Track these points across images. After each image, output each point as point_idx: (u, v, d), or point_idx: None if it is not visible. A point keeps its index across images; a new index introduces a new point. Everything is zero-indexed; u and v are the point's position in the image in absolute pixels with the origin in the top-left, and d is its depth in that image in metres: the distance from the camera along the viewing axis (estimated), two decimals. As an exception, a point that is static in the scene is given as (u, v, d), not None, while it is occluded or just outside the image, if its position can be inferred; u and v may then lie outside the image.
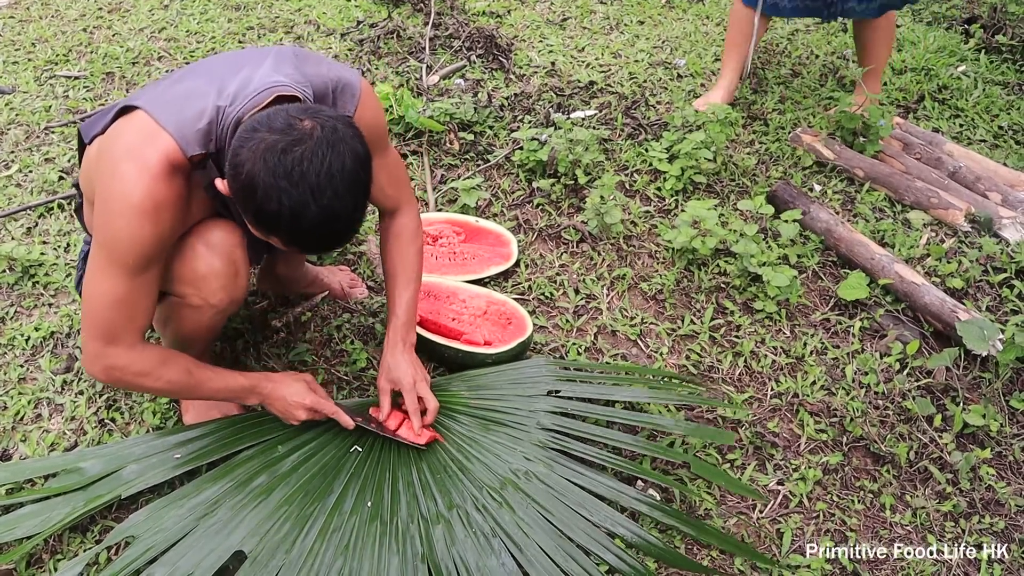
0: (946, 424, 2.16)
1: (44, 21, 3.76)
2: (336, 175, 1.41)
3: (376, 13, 3.94)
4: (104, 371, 1.64)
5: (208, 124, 1.54)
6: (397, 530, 1.72)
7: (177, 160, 1.52)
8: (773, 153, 3.12)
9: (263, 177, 1.39)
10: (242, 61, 1.65)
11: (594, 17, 4.07)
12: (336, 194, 1.42)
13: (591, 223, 2.64)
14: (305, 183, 1.39)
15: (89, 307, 1.60)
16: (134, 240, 1.52)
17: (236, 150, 1.43)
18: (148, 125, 1.54)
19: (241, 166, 1.41)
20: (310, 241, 1.50)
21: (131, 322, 1.61)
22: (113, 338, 1.60)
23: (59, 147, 2.93)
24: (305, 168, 1.39)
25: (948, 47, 3.90)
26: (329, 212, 1.43)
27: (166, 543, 1.67)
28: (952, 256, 2.64)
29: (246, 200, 1.44)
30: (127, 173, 1.49)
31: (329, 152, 1.41)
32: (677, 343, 2.35)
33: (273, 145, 1.39)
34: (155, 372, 1.66)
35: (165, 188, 1.51)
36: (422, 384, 1.91)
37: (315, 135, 1.41)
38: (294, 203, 1.40)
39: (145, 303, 1.62)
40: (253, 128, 1.43)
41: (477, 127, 3.12)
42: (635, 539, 1.77)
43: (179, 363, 1.70)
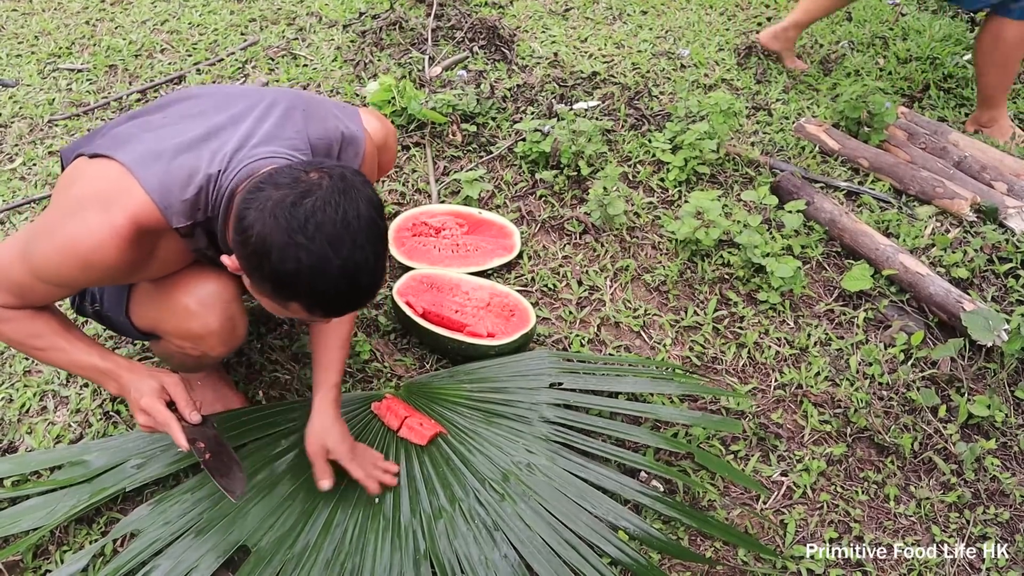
0: (951, 415, 2.15)
1: (47, 14, 3.76)
2: (352, 223, 1.30)
3: (378, 4, 3.92)
4: None
5: (197, 193, 1.44)
6: (399, 524, 1.73)
7: (151, 223, 1.42)
8: (777, 143, 3.11)
9: (276, 236, 1.28)
10: (245, 107, 1.55)
11: (597, 7, 4.05)
12: (356, 244, 1.30)
13: (594, 214, 2.64)
14: (321, 235, 1.28)
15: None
16: (60, 275, 1.44)
17: (242, 214, 1.32)
18: (124, 180, 1.42)
19: (250, 229, 1.30)
20: (334, 300, 1.35)
21: (12, 298, 1.51)
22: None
23: (63, 140, 2.93)
24: (320, 219, 1.27)
25: (954, 36, 3.87)
26: (351, 265, 1.31)
27: (171, 536, 1.69)
28: (957, 246, 2.63)
29: (260, 266, 1.32)
30: (89, 222, 1.39)
31: (342, 200, 1.30)
32: (680, 334, 2.35)
33: (282, 200, 1.28)
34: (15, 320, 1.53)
35: (119, 254, 1.40)
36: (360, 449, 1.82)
37: (324, 184, 1.30)
38: (313, 259, 1.28)
39: (39, 298, 1.52)
40: (257, 188, 1.33)
41: (480, 118, 3.11)
42: (638, 531, 1.77)
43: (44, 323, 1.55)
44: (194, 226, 1.46)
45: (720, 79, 3.49)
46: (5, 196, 2.68)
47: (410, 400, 2.00)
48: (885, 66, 3.65)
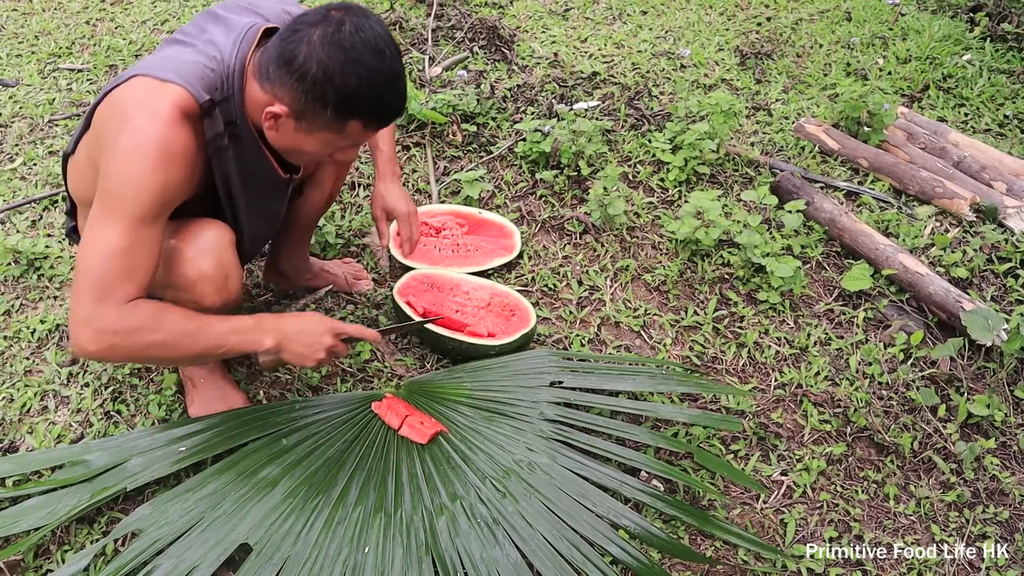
0: (950, 414, 2.16)
1: (47, 14, 3.76)
2: (384, 38, 1.52)
3: (378, 4, 3.93)
4: (92, 338, 1.48)
5: (212, 72, 1.56)
6: (401, 522, 1.73)
7: (188, 106, 1.51)
8: (777, 143, 3.11)
9: (334, 58, 1.46)
10: (198, 27, 1.66)
11: (597, 7, 4.06)
12: (391, 54, 1.53)
13: (594, 214, 2.64)
14: (368, 50, 1.48)
15: (83, 264, 1.49)
16: (143, 186, 1.47)
17: (290, 57, 1.48)
18: (150, 82, 1.52)
19: (307, 62, 1.47)
20: (386, 105, 1.57)
21: (127, 278, 1.50)
22: (105, 295, 1.48)
23: (63, 140, 2.93)
24: (363, 37, 1.48)
25: (953, 35, 3.88)
26: (394, 71, 1.54)
27: (172, 535, 1.68)
28: (957, 246, 2.63)
29: (323, 94, 1.49)
30: (138, 124, 1.48)
31: (368, 22, 1.51)
32: (680, 334, 2.35)
33: (325, 31, 1.47)
34: (149, 324, 1.52)
35: (177, 135, 1.49)
36: (414, 215, 2.10)
37: (351, 12, 1.50)
38: (369, 71, 1.49)
39: (145, 261, 1.52)
40: (292, 31, 1.50)
41: (480, 119, 3.11)
42: (639, 530, 1.77)
43: (176, 311, 1.57)
44: (212, 106, 1.56)
45: (720, 79, 3.49)
46: (5, 196, 2.68)
47: (411, 399, 2.01)
48: (885, 66, 3.65)
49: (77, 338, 1.49)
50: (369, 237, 2.59)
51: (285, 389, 2.13)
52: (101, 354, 1.51)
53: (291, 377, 2.16)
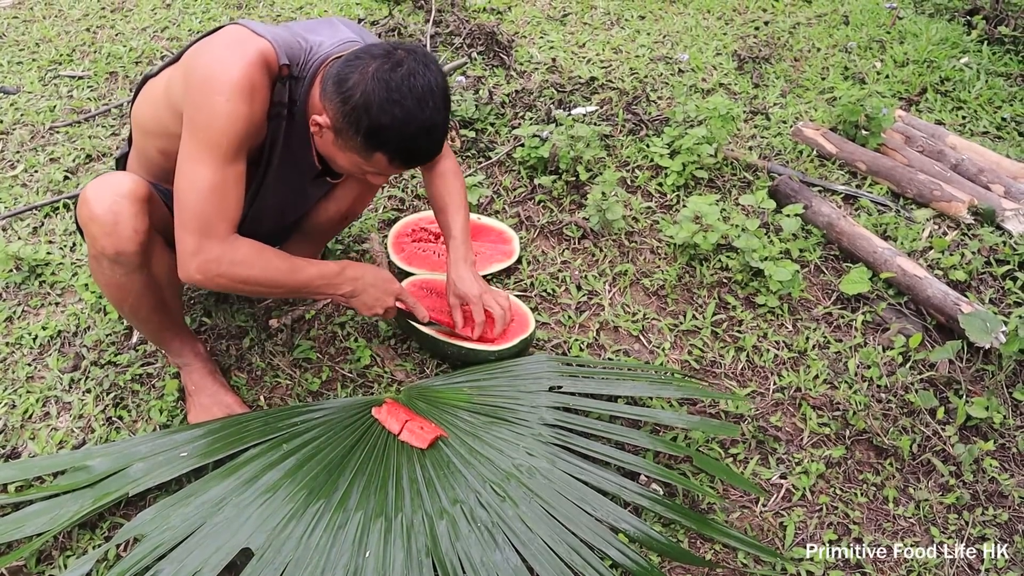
0: (949, 417, 2.16)
1: (48, 21, 3.78)
2: (436, 90, 1.62)
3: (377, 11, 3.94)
4: (201, 267, 1.65)
5: (298, 51, 1.69)
6: (402, 526, 1.73)
7: (271, 59, 1.63)
8: (775, 147, 3.12)
9: (378, 93, 1.57)
10: (317, 24, 1.81)
11: (594, 12, 4.07)
12: (436, 106, 1.63)
13: (593, 219, 2.65)
14: (412, 96, 1.59)
15: (184, 200, 1.63)
16: (232, 118, 1.59)
17: (343, 78, 1.60)
18: (245, 32, 1.65)
19: (354, 88, 1.58)
20: (413, 150, 1.67)
21: (225, 212, 1.65)
22: (209, 229, 1.64)
23: (64, 147, 2.94)
24: (412, 83, 1.58)
25: (950, 39, 3.89)
26: (432, 121, 1.63)
27: (174, 540, 1.69)
28: (955, 248, 2.64)
29: (359, 119, 1.60)
30: (227, 58, 1.60)
31: (426, 71, 1.61)
32: (679, 338, 2.36)
33: (380, 67, 1.58)
34: (252, 259, 1.69)
35: (260, 75, 1.61)
36: (487, 296, 2.10)
37: (411, 57, 1.61)
38: (405, 114, 1.59)
39: (236, 193, 1.67)
40: (356, 57, 1.61)
41: (478, 124, 3.13)
42: (638, 534, 1.78)
43: (270, 251, 1.74)
44: (289, 78, 1.69)
45: (718, 83, 3.51)
46: (7, 202, 2.69)
47: (411, 404, 2.01)
48: (882, 69, 3.66)
49: (185, 267, 1.66)
50: (368, 243, 2.60)
51: (285, 395, 2.14)
52: (206, 284, 1.68)
53: (291, 383, 2.17)
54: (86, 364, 2.18)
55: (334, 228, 2.25)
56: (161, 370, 2.16)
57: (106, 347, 2.22)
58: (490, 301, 2.10)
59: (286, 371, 2.19)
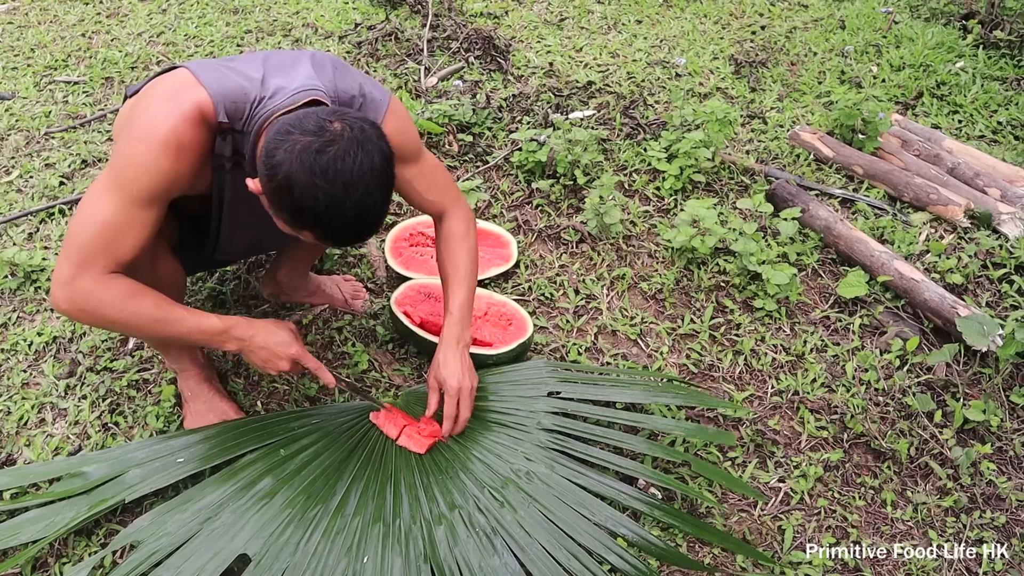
0: (946, 420, 2.16)
1: (43, 26, 3.77)
2: (367, 173, 1.50)
3: (374, 15, 3.94)
4: (67, 298, 1.58)
5: (244, 104, 1.62)
6: (400, 531, 1.73)
7: (208, 114, 1.59)
8: (772, 151, 3.13)
9: (300, 176, 1.46)
10: (285, 60, 1.74)
11: (592, 17, 4.08)
12: (367, 190, 1.51)
13: (590, 223, 2.65)
14: (339, 181, 1.47)
15: (73, 228, 1.59)
16: (147, 169, 1.55)
17: (271, 151, 1.50)
18: (189, 79, 1.62)
19: (278, 167, 1.48)
20: (342, 235, 1.58)
21: (110, 251, 1.58)
22: (85, 263, 1.57)
23: (59, 152, 2.94)
24: (339, 167, 1.47)
25: (946, 43, 3.90)
26: (361, 207, 1.51)
27: (170, 547, 1.68)
28: (952, 252, 2.64)
29: (283, 198, 1.50)
30: (159, 109, 1.57)
31: (359, 151, 1.49)
32: (677, 342, 2.36)
33: (308, 146, 1.47)
34: (119, 303, 1.60)
35: (191, 132, 1.57)
36: (465, 394, 1.91)
37: (345, 135, 1.49)
38: (330, 200, 1.48)
39: (132, 239, 1.60)
40: (287, 131, 1.50)
41: (476, 128, 3.13)
42: (636, 538, 1.78)
43: (148, 297, 1.64)
44: (230, 131, 1.63)
45: (715, 88, 3.51)
46: (2, 208, 2.68)
47: (408, 409, 2.01)
48: (878, 74, 3.67)
49: (54, 295, 1.60)
50: (366, 248, 2.59)
51: (283, 400, 2.13)
52: (71, 315, 1.61)
53: (288, 388, 2.16)
54: (82, 370, 2.17)
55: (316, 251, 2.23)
56: (157, 376, 2.15)
57: (102, 353, 2.22)
58: (465, 402, 1.92)
59: (283, 376, 2.19)
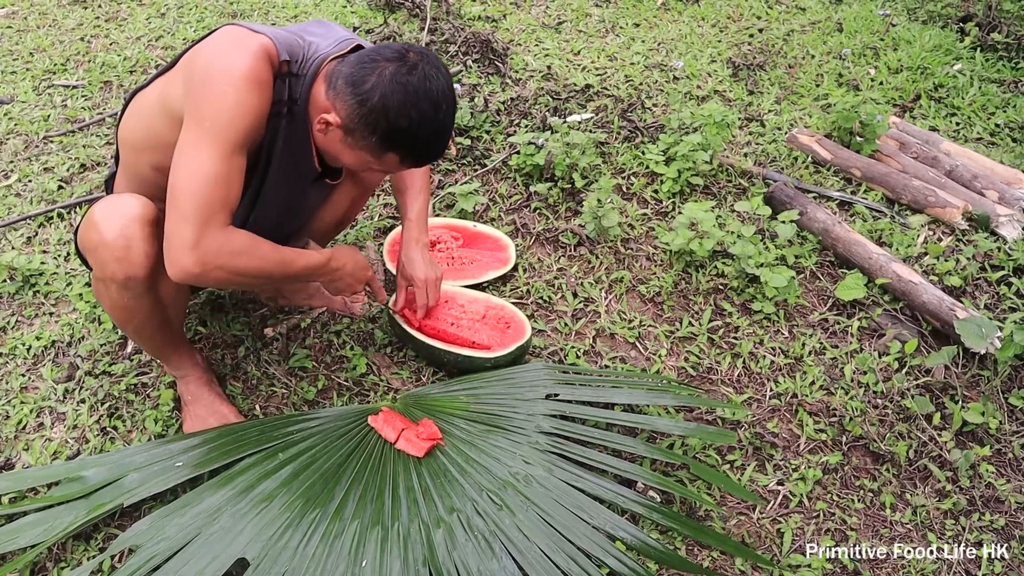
0: (945, 422, 2.16)
1: (41, 31, 3.77)
2: (447, 93, 1.66)
3: (372, 19, 3.95)
4: (199, 260, 1.56)
5: (298, 48, 1.69)
6: (398, 535, 1.73)
7: (272, 54, 1.63)
8: (770, 154, 3.13)
9: (397, 97, 1.59)
10: (311, 24, 1.81)
11: (589, 20, 4.08)
12: (447, 109, 1.67)
13: (588, 226, 2.65)
14: (428, 100, 1.62)
15: (183, 188, 1.57)
16: (240, 108, 1.58)
17: (359, 80, 1.61)
18: (241, 30, 1.65)
19: (372, 91, 1.60)
20: (427, 150, 1.71)
21: (225, 204, 1.61)
22: (209, 218, 1.58)
23: (58, 156, 2.94)
24: (428, 86, 1.62)
25: (944, 45, 3.90)
26: (445, 123, 1.68)
27: (169, 551, 1.68)
28: (950, 254, 2.64)
29: (376, 121, 1.62)
30: (231, 52, 1.60)
31: (438, 74, 1.64)
32: (676, 345, 2.36)
33: (397, 71, 1.60)
34: (249, 251, 1.65)
35: (266, 69, 1.61)
36: (432, 284, 2.12)
37: (426, 60, 1.64)
38: (422, 117, 1.62)
39: (237, 187, 1.64)
40: (370, 59, 1.62)
41: (474, 132, 3.13)
42: (635, 541, 1.78)
43: (265, 242, 1.70)
44: (288, 74, 1.68)
45: (713, 90, 3.51)
46: (1, 212, 2.68)
47: (407, 413, 2.01)
48: (876, 76, 3.68)
49: (181, 262, 1.57)
50: (364, 251, 2.60)
51: (281, 404, 2.13)
52: (201, 276, 1.59)
53: (287, 392, 2.16)
54: (80, 374, 2.17)
55: (328, 235, 2.25)
56: (156, 380, 2.15)
57: (100, 357, 2.21)
58: (433, 291, 2.13)
59: (282, 380, 2.19)
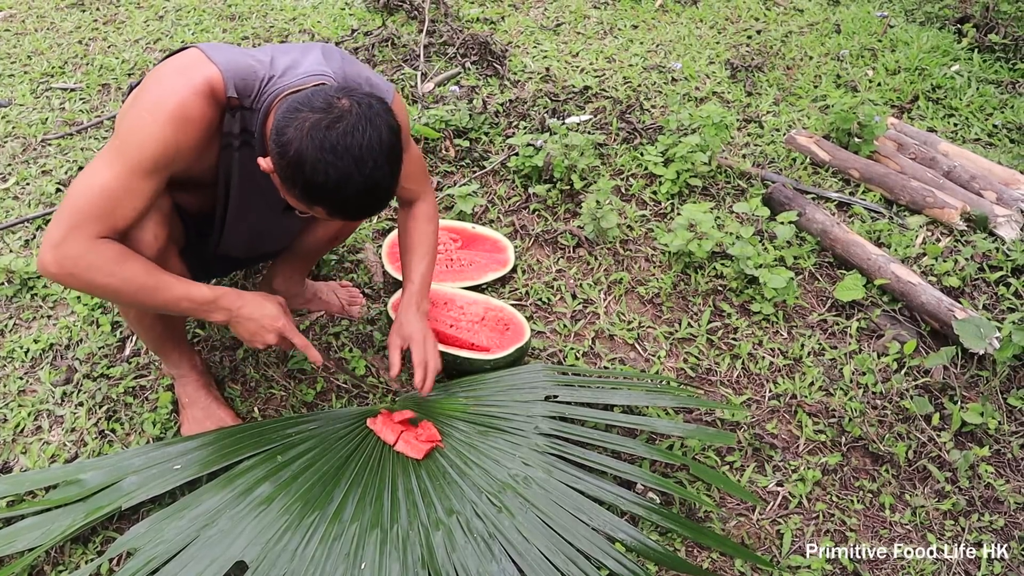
0: (944, 423, 2.16)
1: (40, 34, 3.77)
2: (375, 147, 1.52)
3: (371, 21, 3.95)
4: (55, 261, 1.54)
5: (253, 81, 1.64)
6: (397, 537, 1.72)
7: (218, 89, 1.60)
8: (768, 155, 3.13)
9: (311, 152, 1.49)
10: (295, 48, 1.76)
11: (588, 22, 4.08)
12: (376, 165, 1.53)
13: (587, 228, 2.65)
14: (349, 156, 1.49)
15: (70, 193, 1.57)
16: (151, 138, 1.56)
17: (281, 129, 1.52)
18: (199, 56, 1.63)
19: (288, 144, 1.50)
20: (353, 209, 1.59)
21: (105, 217, 1.56)
22: (78, 226, 1.55)
23: (56, 159, 2.94)
24: (348, 142, 1.49)
25: (941, 47, 3.91)
26: (371, 182, 1.54)
27: (167, 554, 1.68)
28: (948, 255, 2.64)
29: (294, 175, 1.52)
30: (169, 82, 1.59)
31: (368, 127, 1.51)
32: (675, 346, 2.36)
33: (317, 123, 1.49)
34: (108, 267, 1.57)
35: (199, 105, 1.58)
36: (431, 342, 1.99)
37: (354, 111, 1.51)
38: (340, 175, 1.50)
39: (129, 207, 1.59)
40: (296, 108, 1.53)
41: (472, 134, 3.13)
42: (635, 543, 1.77)
43: (138, 262, 1.62)
44: (239, 108, 1.64)
45: (711, 92, 3.52)
46: (-1, 216, 2.68)
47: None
48: (874, 77, 3.68)
49: (42, 257, 1.56)
50: (363, 253, 2.59)
51: (279, 406, 2.13)
52: (58, 278, 1.57)
53: (285, 395, 2.16)
54: (78, 377, 2.17)
55: (322, 249, 2.22)
56: (154, 382, 2.15)
57: (98, 360, 2.21)
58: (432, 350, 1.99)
59: (280, 382, 2.19)
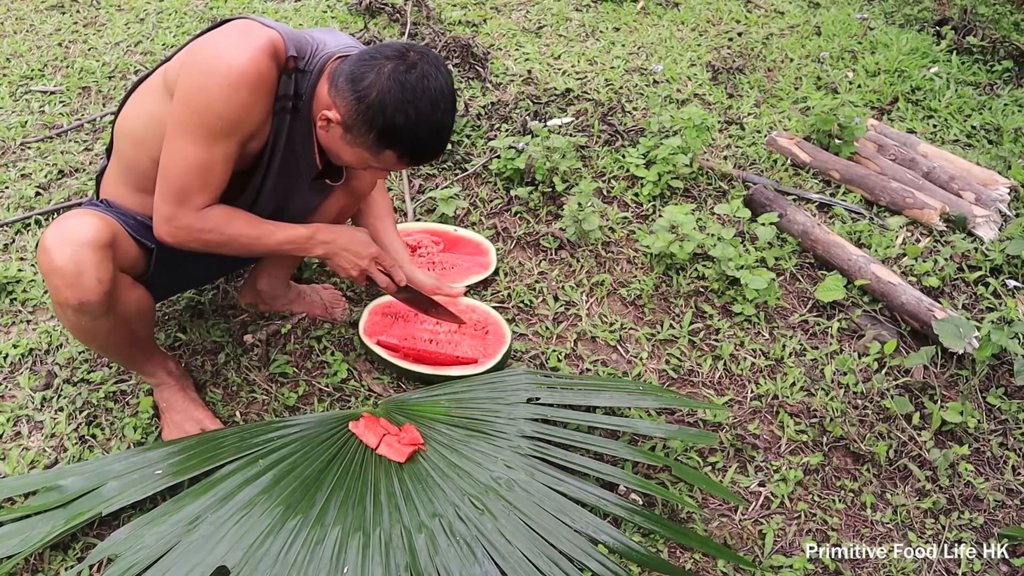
0: (924, 422, 2.18)
1: (19, 36, 3.74)
2: (446, 91, 1.66)
3: (352, 24, 3.94)
4: (170, 234, 1.71)
5: (306, 44, 1.70)
6: (380, 541, 1.72)
7: (280, 49, 1.64)
8: (749, 157, 3.15)
9: (394, 94, 1.60)
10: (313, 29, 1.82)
11: (570, 25, 4.09)
12: (447, 108, 1.67)
13: (569, 230, 2.65)
14: (426, 98, 1.62)
15: (165, 171, 1.67)
16: (229, 103, 1.60)
17: (358, 77, 1.62)
18: (251, 22, 1.67)
19: (370, 87, 1.61)
20: (423, 150, 1.71)
21: (204, 188, 1.68)
22: (183, 201, 1.68)
23: (36, 163, 2.91)
24: (426, 85, 1.62)
25: (920, 49, 3.94)
26: (442, 124, 1.68)
27: (148, 560, 1.67)
28: (928, 255, 2.66)
29: (374, 117, 1.62)
30: (236, 43, 1.61)
31: (437, 73, 1.64)
32: (657, 348, 2.36)
33: (396, 68, 1.61)
34: (219, 229, 1.74)
35: (266, 64, 1.62)
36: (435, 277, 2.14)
37: (425, 59, 1.64)
38: (419, 115, 1.62)
39: (220, 173, 1.69)
40: (371, 56, 1.63)
41: (454, 136, 3.13)
42: (617, 544, 1.78)
43: (241, 217, 1.78)
44: (295, 70, 1.69)
45: (692, 94, 3.53)
46: (-23, 220, 2.66)
47: (388, 418, 2.00)
48: (854, 79, 3.70)
49: (158, 231, 1.73)
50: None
51: (261, 410, 2.12)
52: (180, 245, 1.75)
53: (268, 399, 2.15)
54: (58, 382, 2.15)
55: None
56: (135, 387, 2.14)
57: (78, 364, 2.20)
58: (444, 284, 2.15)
59: (262, 386, 2.18)
